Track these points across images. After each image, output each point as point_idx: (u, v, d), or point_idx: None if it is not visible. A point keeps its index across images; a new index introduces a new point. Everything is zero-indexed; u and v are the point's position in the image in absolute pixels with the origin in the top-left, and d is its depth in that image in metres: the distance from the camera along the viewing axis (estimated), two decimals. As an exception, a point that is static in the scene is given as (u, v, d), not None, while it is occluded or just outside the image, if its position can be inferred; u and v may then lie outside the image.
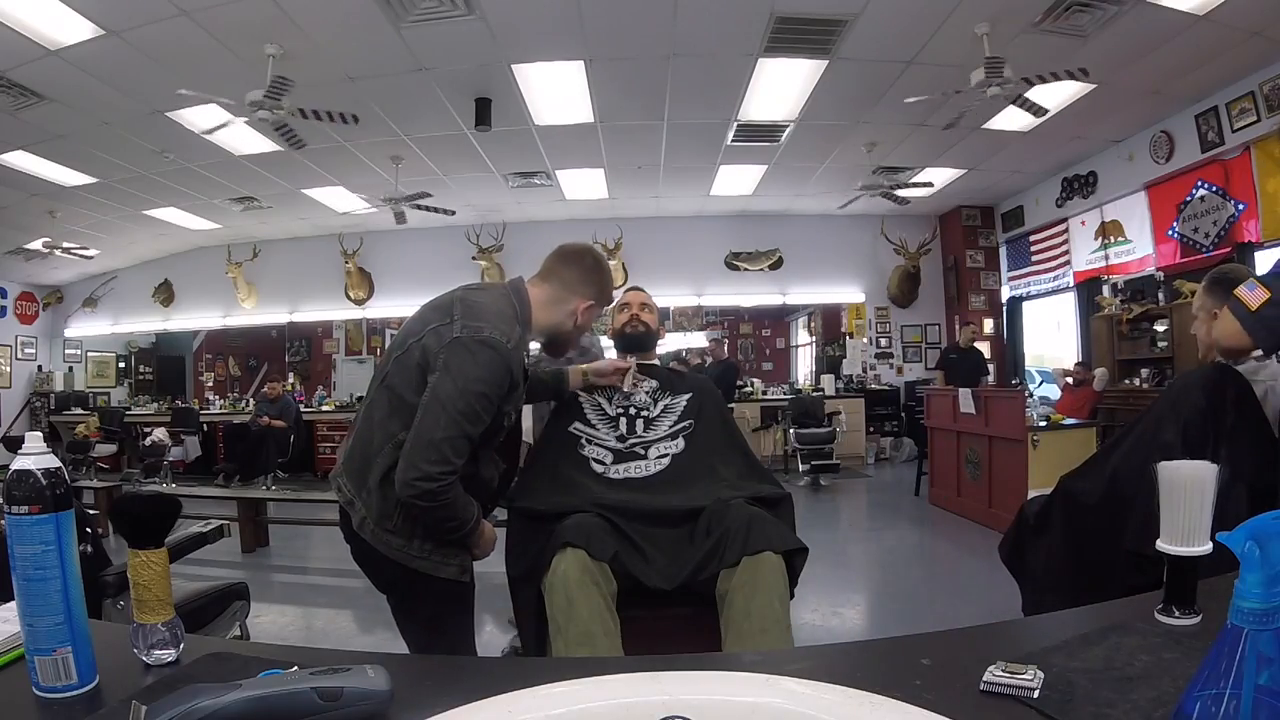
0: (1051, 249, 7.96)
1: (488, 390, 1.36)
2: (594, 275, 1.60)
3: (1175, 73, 5.06)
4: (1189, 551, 0.77)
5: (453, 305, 1.44)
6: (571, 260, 1.59)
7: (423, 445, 1.32)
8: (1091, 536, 1.65)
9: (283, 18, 4.07)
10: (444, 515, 1.38)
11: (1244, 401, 1.55)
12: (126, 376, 10.87)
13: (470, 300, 1.45)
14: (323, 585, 4.34)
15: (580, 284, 1.57)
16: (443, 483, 1.32)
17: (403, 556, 1.41)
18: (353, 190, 7.37)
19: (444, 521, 1.39)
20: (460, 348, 1.36)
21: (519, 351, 1.44)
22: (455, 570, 1.45)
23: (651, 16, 4.33)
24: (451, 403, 1.33)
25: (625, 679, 0.61)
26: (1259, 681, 0.47)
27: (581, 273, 1.58)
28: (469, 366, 1.35)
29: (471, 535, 1.45)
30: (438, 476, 1.31)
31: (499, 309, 1.45)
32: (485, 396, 1.36)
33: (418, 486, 1.31)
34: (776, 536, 1.47)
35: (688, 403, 1.89)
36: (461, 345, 1.36)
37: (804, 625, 3.06)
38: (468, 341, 1.37)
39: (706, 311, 10.15)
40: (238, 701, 0.55)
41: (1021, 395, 5.20)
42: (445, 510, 1.36)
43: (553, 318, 1.56)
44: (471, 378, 1.35)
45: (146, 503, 0.77)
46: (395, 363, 1.44)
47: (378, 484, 1.39)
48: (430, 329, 1.41)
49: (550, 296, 1.56)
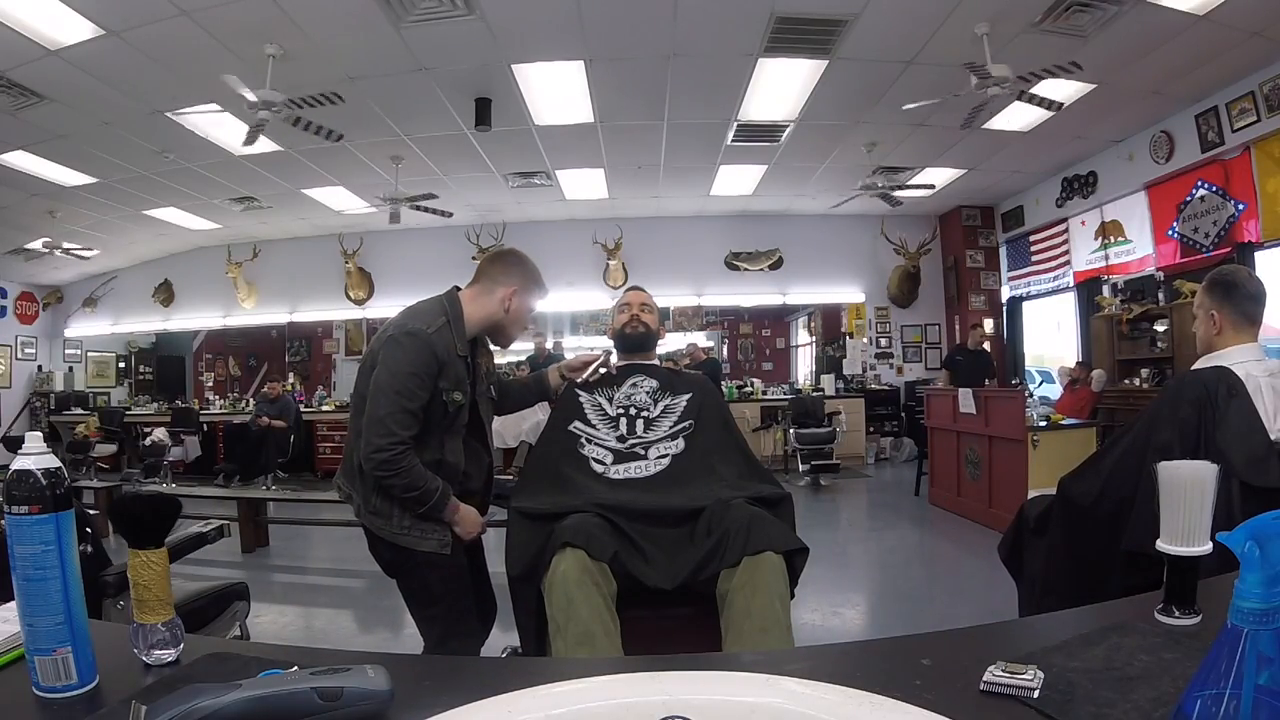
0: (1051, 249, 7.96)
1: (415, 370, 1.62)
2: (515, 267, 1.84)
3: (1175, 73, 5.06)
4: (1189, 551, 0.77)
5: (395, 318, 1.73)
6: (495, 259, 1.87)
7: (371, 424, 1.60)
8: (1088, 538, 1.65)
9: (283, 18, 4.07)
10: (404, 484, 1.61)
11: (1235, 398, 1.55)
12: (126, 376, 10.87)
13: (407, 310, 1.75)
14: (323, 585, 4.34)
15: (503, 275, 1.81)
16: (393, 452, 1.58)
17: (388, 534, 1.67)
18: (353, 190, 7.37)
19: (406, 491, 1.63)
20: (390, 343, 1.66)
21: (441, 336, 1.67)
22: (435, 544, 1.68)
23: (651, 16, 4.33)
24: (388, 385, 1.61)
25: (625, 679, 0.61)
26: (1259, 681, 0.47)
27: (504, 266, 1.83)
28: (396, 354, 1.63)
29: (440, 508, 1.66)
30: (387, 447, 1.58)
31: (423, 309, 1.73)
32: (415, 375, 1.62)
33: (374, 459, 1.59)
34: (777, 536, 1.47)
35: (688, 403, 1.89)
36: (391, 340, 1.66)
37: (804, 625, 3.06)
38: (395, 336, 1.66)
39: (706, 311, 10.15)
40: (238, 701, 0.55)
41: (1021, 395, 5.21)
42: (404, 478, 1.60)
43: (485, 308, 1.79)
44: (401, 361, 1.62)
45: (146, 503, 0.77)
46: (360, 374, 1.73)
47: (358, 473, 1.69)
48: (376, 338, 1.73)
49: (478, 291, 1.81)
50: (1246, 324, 1.69)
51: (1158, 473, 0.80)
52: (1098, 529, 1.62)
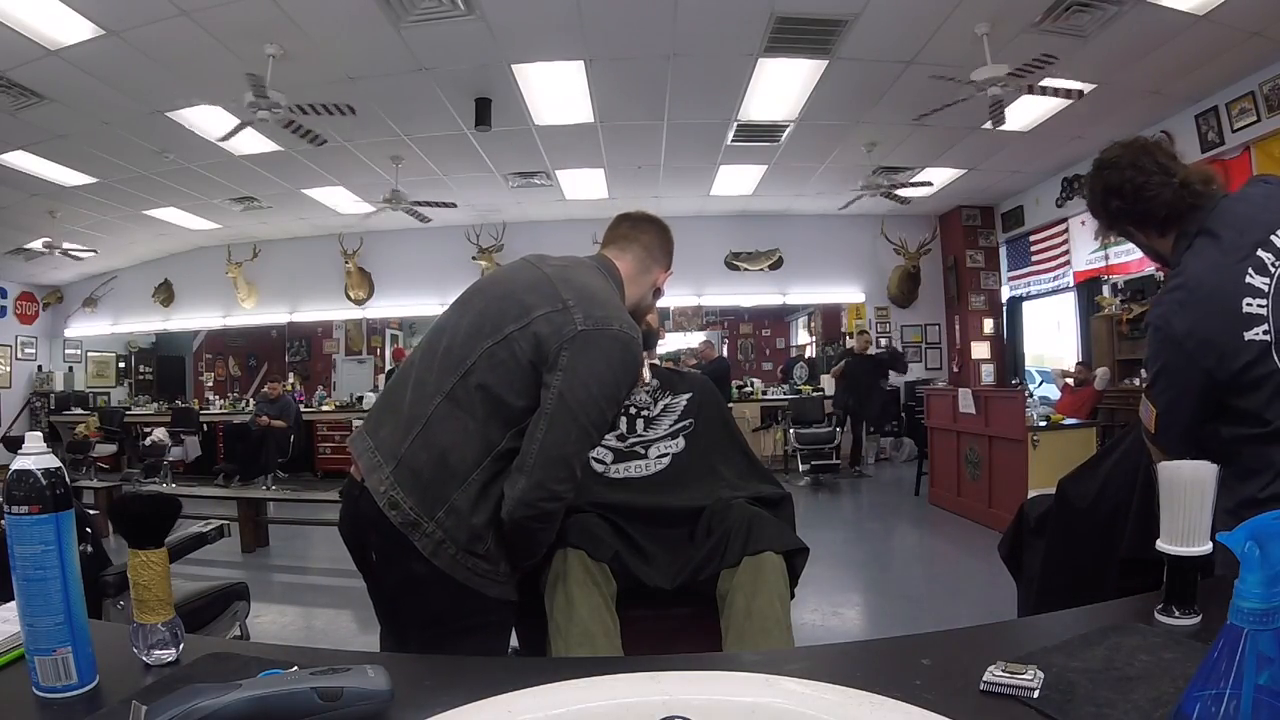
0: (1051, 249, 7.96)
1: (619, 394, 1.22)
2: (669, 241, 1.47)
3: (1175, 73, 5.06)
4: (1189, 551, 0.77)
5: (555, 286, 1.22)
6: (646, 225, 1.45)
7: (552, 461, 1.14)
8: (1085, 540, 1.65)
9: (283, 18, 4.07)
10: (546, 538, 1.25)
11: None
12: (126, 376, 10.87)
13: (578, 283, 1.24)
14: (323, 585, 4.34)
15: (660, 250, 1.44)
16: (565, 501, 1.20)
17: (483, 584, 1.19)
18: (353, 191, 7.37)
19: (542, 545, 1.26)
20: (590, 345, 1.16)
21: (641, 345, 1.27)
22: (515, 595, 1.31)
23: (651, 16, 4.33)
24: (585, 412, 1.16)
25: (625, 679, 0.61)
26: (1259, 681, 0.47)
27: (659, 237, 1.45)
28: (602, 368, 1.17)
29: None
30: (565, 495, 1.18)
31: (606, 289, 1.28)
32: (616, 401, 1.22)
33: (541, 507, 1.15)
34: (777, 536, 1.47)
35: (688, 402, 1.89)
36: (590, 341, 1.17)
37: (804, 625, 3.06)
38: (596, 336, 1.17)
39: (706, 311, 10.15)
40: (238, 701, 0.55)
41: (1021, 395, 5.21)
42: (549, 532, 1.24)
43: (641, 290, 1.41)
44: (608, 382, 1.18)
45: (146, 503, 0.77)
46: (487, 356, 1.19)
47: (472, 503, 1.17)
48: (539, 316, 1.19)
49: (636, 269, 1.40)
50: None
51: (1158, 473, 0.80)
52: (1094, 532, 1.62)
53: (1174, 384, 1.21)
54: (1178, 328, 1.17)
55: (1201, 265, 1.18)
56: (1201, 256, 1.19)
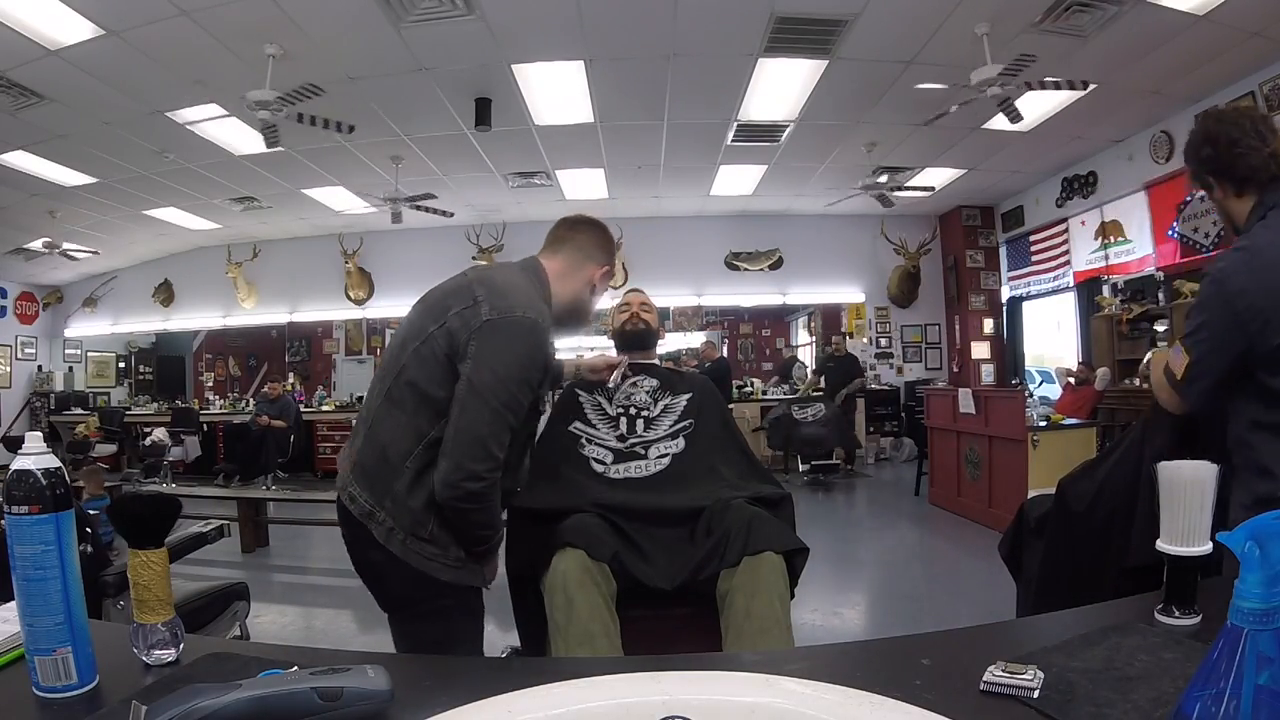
0: (1051, 249, 7.96)
1: (528, 376, 1.28)
2: (605, 240, 1.55)
3: (1175, 73, 5.06)
4: (1189, 551, 0.77)
5: (472, 287, 1.33)
6: (582, 226, 1.53)
7: (468, 443, 1.23)
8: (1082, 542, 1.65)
9: (283, 18, 4.07)
10: (482, 520, 1.30)
11: None
12: (126, 376, 10.88)
13: (491, 280, 1.35)
14: (323, 585, 4.34)
15: (594, 248, 1.52)
16: (489, 481, 1.25)
17: (436, 568, 1.29)
18: (353, 191, 7.37)
19: (480, 527, 1.31)
20: (493, 331, 1.26)
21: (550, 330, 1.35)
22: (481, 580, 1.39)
23: (651, 16, 4.33)
24: (494, 394, 1.24)
25: (625, 679, 0.61)
26: (1259, 681, 0.47)
27: (595, 237, 1.53)
28: (505, 351, 1.26)
29: (494, 550, 1.39)
30: (485, 475, 1.24)
31: (523, 285, 1.37)
32: (526, 383, 1.28)
33: (464, 488, 1.23)
34: (777, 536, 1.47)
35: (688, 402, 1.89)
36: (494, 328, 1.26)
37: (804, 625, 3.06)
38: (500, 323, 1.27)
39: (706, 311, 10.15)
40: (238, 701, 0.55)
41: (1021, 395, 5.21)
42: (485, 514, 1.29)
43: (571, 288, 1.48)
44: (512, 364, 1.26)
45: (146, 503, 0.77)
46: (414, 355, 1.31)
47: (407, 489, 1.27)
48: (454, 313, 1.30)
49: (566, 267, 1.48)
50: None
51: (1158, 472, 0.80)
52: (1091, 534, 1.62)
53: (1214, 338, 1.25)
54: (1233, 285, 1.22)
55: (1271, 237, 1.22)
56: (1272, 229, 1.23)
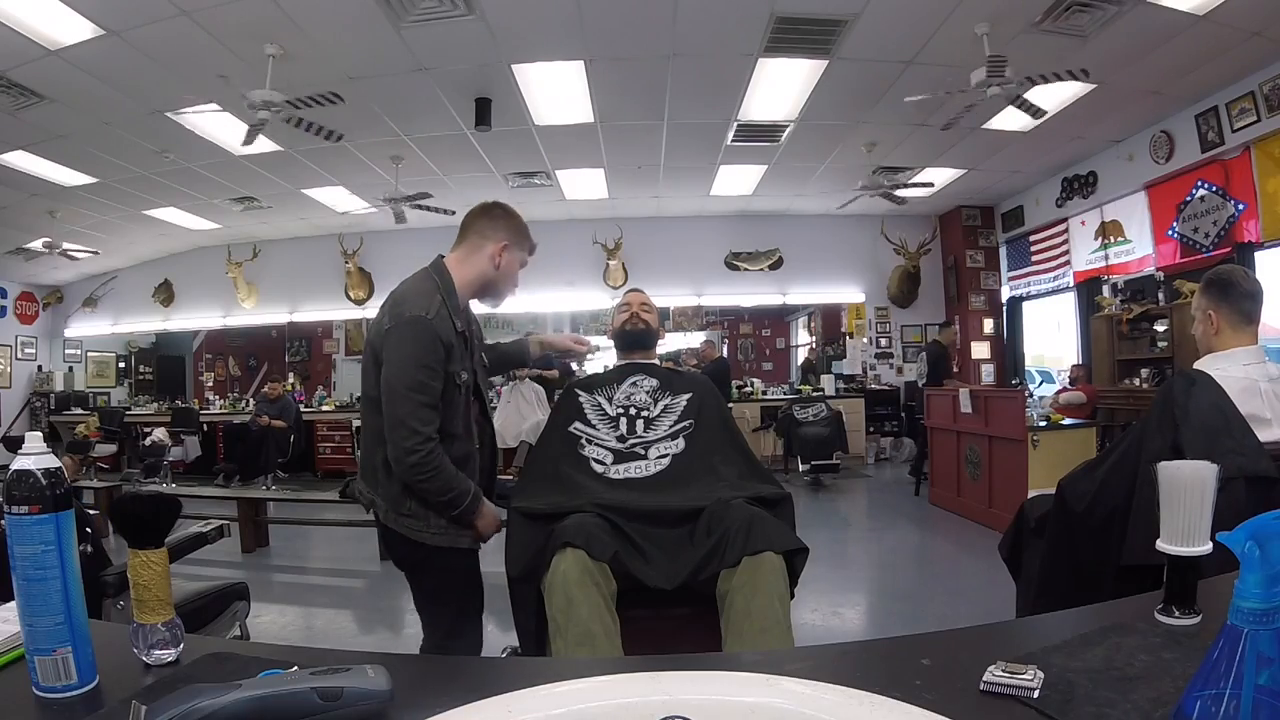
0: (1051, 249, 7.96)
1: (425, 361, 1.54)
2: (503, 220, 1.76)
3: (1175, 73, 5.06)
4: (1189, 551, 0.77)
5: (384, 305, 1.64)
6: (480, 213, 1.77)
7: (393, 426, 1.53)
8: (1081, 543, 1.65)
9: (283, 18, 4.07)
10: (438, 486, 1.56)
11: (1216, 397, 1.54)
12: (126, 376, 10.88)
13: (395, 294, 1.65)
14: (323, 585, 4.34)
15: (490, 229, 1.73)
16: (423, 452, 1.52)
17: (423, 536, 1.62)
18: (353, 190, 7.37)
19: (439, 494, 1.57)
20: (392, 335, 1.57)
21: (443, 317, 1.60)
22: (467, 541, 1.67)
23: (651, 16, 4.33)
24: (400, 382, 1.53)
25: (625, 679, 0.61)
26: (1259, 681, 0.47)
27: (490, 220, 1.75)
28: (401, 347, 1.55)
29: (472, 510, 1.63)
30: (416, 448, 1.52)
31: (416, 288, 1.64)
32: (426, 367, 1.54)
33: (405, 463, 1.52)
34: (777, 536, 1.46)
35: (688, 402, 1.89)
36: (391, 333, 1.57)
37: (804, 625, 3.06)
38: (394, 328, 1.57)
39: (706, 312, 10.15)
40: (238, 701, 0.55)
41: (1021, 395, 5.21)
42: (438, 480, 1.55)
43: (476, 268, 1.72)
44: (407, 355, 1.54)
45: (146, 503, 0.77)
46: (364, 373, 1.66)
47: (386, 478, 1.61)
48: (374, 332, 1.64)
49: (464, 253, 1.73)
50: (1244, 323, 1.69)
51: (1157, 473, 0.80)
52: (1090, 535, 1.62)
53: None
54: None
55: None
56: None
